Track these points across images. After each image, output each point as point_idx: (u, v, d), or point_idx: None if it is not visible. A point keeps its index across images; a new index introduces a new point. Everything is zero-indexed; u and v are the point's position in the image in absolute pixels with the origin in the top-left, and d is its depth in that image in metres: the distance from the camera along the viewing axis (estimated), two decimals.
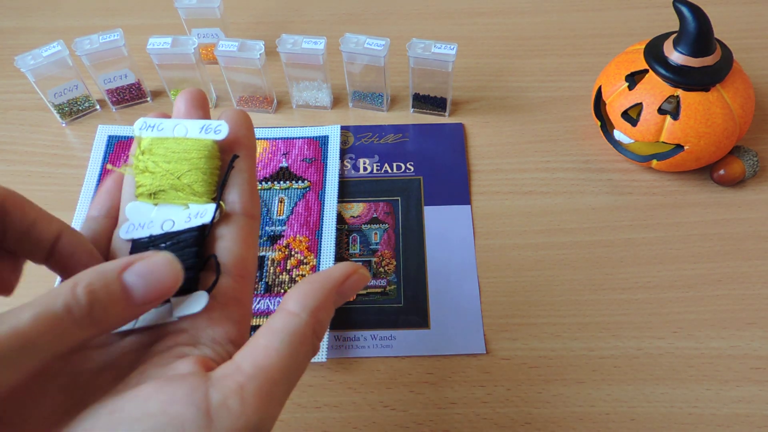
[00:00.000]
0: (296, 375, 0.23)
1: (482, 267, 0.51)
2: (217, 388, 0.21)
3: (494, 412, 0.44)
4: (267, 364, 0.22)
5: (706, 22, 0.48)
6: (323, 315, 0.24)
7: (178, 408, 0.20)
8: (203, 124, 0.27)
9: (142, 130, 0.27)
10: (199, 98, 0.29)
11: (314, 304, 0.24)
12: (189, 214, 0.26)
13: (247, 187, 0.28)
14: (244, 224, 0.27)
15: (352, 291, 0.26)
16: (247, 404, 0.21)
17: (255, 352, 0.22)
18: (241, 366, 0.22)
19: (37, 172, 0.58)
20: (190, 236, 0.26)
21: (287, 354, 0.22)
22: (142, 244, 0.26)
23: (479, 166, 0.57)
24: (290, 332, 0.23)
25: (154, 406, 0.20)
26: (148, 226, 0.27)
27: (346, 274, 0.26)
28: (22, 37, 0.70)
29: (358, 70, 0.58)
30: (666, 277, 0.50)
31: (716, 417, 0.43)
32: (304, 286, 0.25)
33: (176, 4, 0.61)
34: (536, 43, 0.68)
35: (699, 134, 0.50)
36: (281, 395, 0.22)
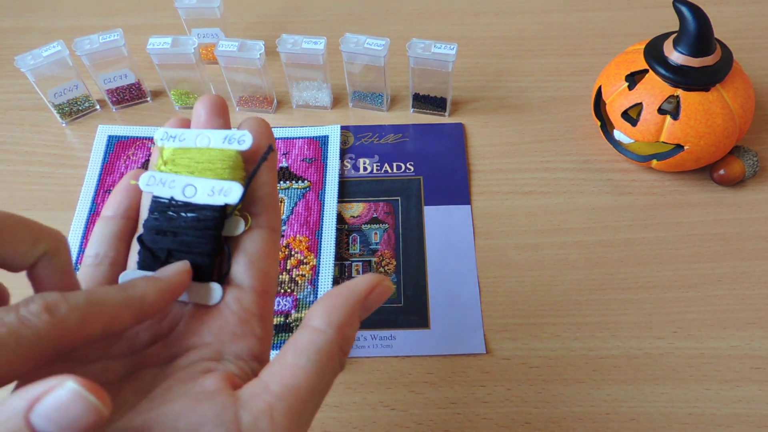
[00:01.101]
0: (323, 393, 0.23)
1: (482, 267, 0.51)
2: (246, 408, 0.21)
3: (494, 412, 0.44)
4: (294, 383, 0.22)
5: (706, 22, 0.48)
6: (349, 331, 0.24)
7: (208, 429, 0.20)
8: (226, 134, 0.26)
9: (163, 141, 0.27)
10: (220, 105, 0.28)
11: (340, 320, 0.24)
12: (213, 187, 0.25)
13: (269, 200, 0.27)
14: (267, 238, 0.26)
15: (376, 304, 0.25)
16: (277, 425, 0.21)
17: (282, 371, 0.22)
18: (269, 386, 0.22)
19: (37, 172, 0.58)
20: (211, 216, 0.25)
21: (314, 372, 0.22)
22: (162, 205, 0.26)
23: (479, 166, 0.57)
24: (317, 350, 0.23)
25: (184, 426, 0.20)
26: (169, 185, 0.26)
27: (370, 286, 0.25)
28: (22, 37, 0.70)
29: (358, 70, 0.58)
30: (666, 277, 0.50)
31: (716, 417, 0.43)
32: (329, 301, 0.24)
33: (176, 4, 0.61)
34: (536, 43, 0.68)
35: (699, 134, 0.50)
36: (309, 414, 0.22)
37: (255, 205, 0.27)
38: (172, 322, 0.25)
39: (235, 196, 0.25)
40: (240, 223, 0.26)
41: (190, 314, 0.25)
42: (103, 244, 0.27)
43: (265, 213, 0.27)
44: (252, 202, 0.27)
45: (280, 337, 0.47)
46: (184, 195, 0.25)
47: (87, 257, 0.27)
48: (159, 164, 0.26)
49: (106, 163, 0.57)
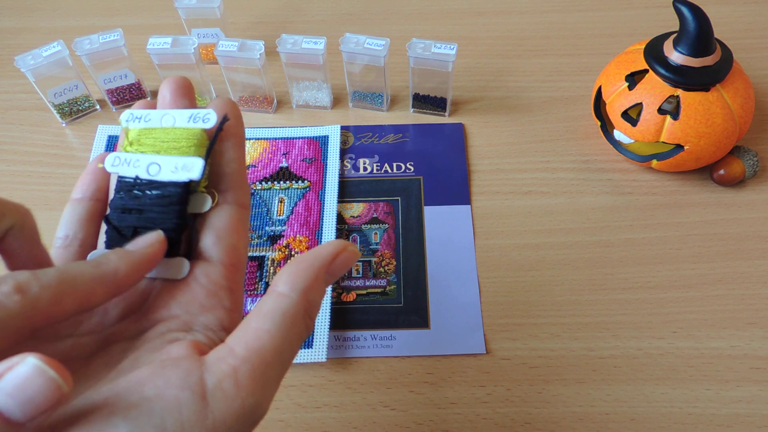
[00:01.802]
0: (290, 356, 0.23)
1: (482, 267, 0.51)
2: (212, 371, 0.21)
3: (494, 412, 0.44)
4: (259, 346, 0.22)
5: (706, 22, 0.48)
6: (314, 295, 0.24)
7: (173, 392, 0.20)
8: (191, 113, 0.27)
9: (129, 122, 0.27)
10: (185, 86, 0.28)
11: (304, 284, 0.24)
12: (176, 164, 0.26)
13: (237, 176, 0.27)
14: (234, 213, 0.27)
15: (342, 269, 0.26)
16: (242, 387, 0.21)
17: (247, 335, 0.22)
18: (234, 349, 0.22)
19: (37, 172, 0.58)
20: (175, 192, 0.26)
21: (279, 335, 0.22)
22: (127, 184, 0.26)
23: (479, 166, 0.57)
24: (281, 313, 0.23)
25: (150, 391, 0.20)
26: (134, 164, 0.26)
27: (335, 252, 0.25)
28: (22, 37, 0.70)
29: (358, 70, 0.58)
30: (666, 277, 0.50)
31: (716, 417, 0.43)
32: (293, 267, 0.24)
33: (176, 4, 0.61)
34: (536, 43, 0.68)
35: (699, 134, 0.50)
36: (275, 377, 0.22)
37: (223, 182, 0.27)
38: (142, 298, 0.26)
39: (197, 171, 0.25)
40: (206, 200, 0.26)
41: (159, 289, 0.26)
42: (72, 225, 0.27)
43: (232, 189, 0.27)
44: (220, 179, 0.27)
45: None
46: (149, 173, 0.26)
47: (57, 239, 0.27)
48: (125, 145, 0.27)
49: None
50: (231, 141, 0.28)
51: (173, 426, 0.20)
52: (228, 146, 0.28)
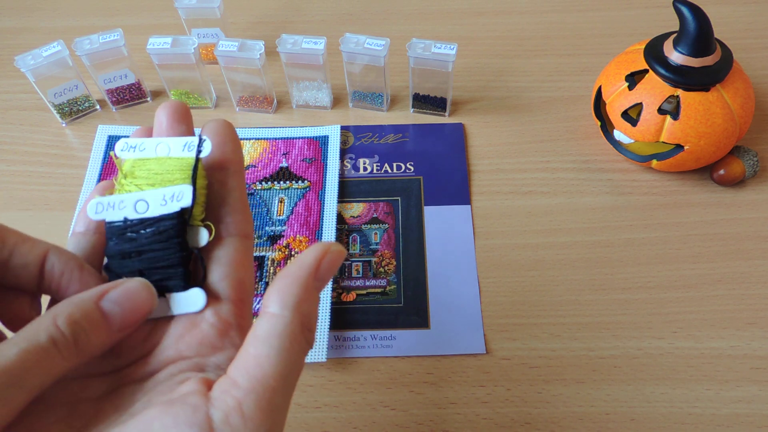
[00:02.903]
0: (294, 376, 0.23)
1: (482, 267, 0.51)
2: (217, 406, 0.21)
3: (494, 412, 0.44)
4: (261, 374, 0.21)
5: (706, 22, 0.48)
6: (307, 307, 0.23)
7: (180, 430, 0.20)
8: (185, 141, 0.26)
9: (123, 152, 0.26)
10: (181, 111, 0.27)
11: (294, 299, 0.23)
12: (164, 195, 0.25)
13: (239, 206, 0.26)
14: (238, 245, 0.26)
15: (330, 272, 0.24)
16: (249, 419, 0.21)
17: (247, 364, 0.22)
18: (237, 381, 0.21)
19: (37, 172, 0.58)
20: (171, 225, 0.25)
21: (279, 359, 0.22)
22: (117, 228, 0.25)
23: (479, 166, 0.57)
24: (277, 335, 0.22)
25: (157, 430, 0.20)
26: (119, 207, 0.25)
27: (317, 257, 0.24)
28: (22, 37, 0.70)
29: (358, 70, 0.58)
30: (666, 277, 0.50)
31: (716, 417, 0.43)
32: (280, 283, 0.23)
33: (176, 4, 0.61)
34: (536, 43, 0.68)
35: (699, 134, 0.50)
36: (282, 401, 0.22)
37: (224, 213, 0.26)
38: (155, 342, 0.25)
39: (188, 198, 0.24)
40: (203, 234, 0.25)
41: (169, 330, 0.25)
42: None
43: (235, 220, 0.26)
44: (220, 210, 0.26)
45: None
46: (137, 212, 0.25)
47: None
48: (120, 177, 0.26)
49: (106, 164, 0.57)
50: (230, 168, 0.27)
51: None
52: (227, 174, 0.26)
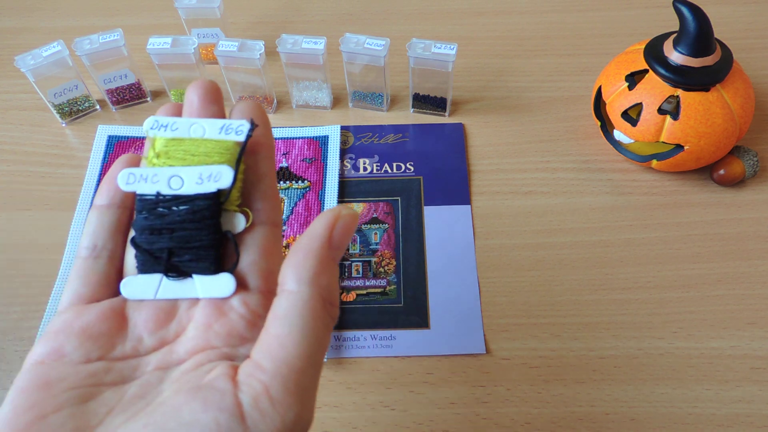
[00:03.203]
0: (320, 354, 0.22)
1: (482, 267, 0.51)
2: (245, 391, 0.20)
3: (494, 412, 0.44)
4: (285, 355, 0.21)
5: (706, 22, 0.48)
6: (326, 279, 0.22)
7: (212, 415, 0.20)
8: (222, 123, 0.25)
9: (153, 130, 0.25)
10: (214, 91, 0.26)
11: (311, 272, 0.22)
12: (200, 174, 0.24)
13: (270, 193, 0.25)
14: (268, 234, 0.25)
15: (345, 238, 0.23)
16: (278, 402, 0.20)
17: (271, 346, 0.21)
18: (261, 364, 0.21)
19: (37, 172, 0.58)
20: (206, 205, 0.24)
21: (302, 337, 0.21)
22: (150, 202, 0.24)
23: (479, 166, 0.57)
24: (298, 313, 0.21)
25: (187, 416, 0.20)
26: (152, 180, 0.24)
27: (329, 225, 0.23)
28: (22, 37, 0.70)
29: (358, 70, 0.58)
30: (666, 277, 0.50)
31: (716, 417, 0.43)
32: (294, 258, 0.22)
33: (176, 4, 0.61)
34: (536, 43, 0.68)
35: (699, 134, 0.50)
36: (311, 381, 0.21)
37: (255, 200, 0.25)
38: (179, 328, 0.24)
39: (227, 179, 0.24)
40: (240, 219, 0.25)
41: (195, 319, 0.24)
42: (99, 235, 0.25)
43: (265, 207, 0.25)
44: (251, 196, 0.25)
45: None
46: (171, 188, 0.24)
47: (82, 249, 0.25)
48: (151, 156, 0.25)
49: (106, 163, 0.57)
50: (261, 153, 0.26)
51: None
52: (259, 159, 0.25)
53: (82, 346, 0.23)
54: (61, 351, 0.23)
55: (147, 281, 0.25)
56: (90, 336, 0.23)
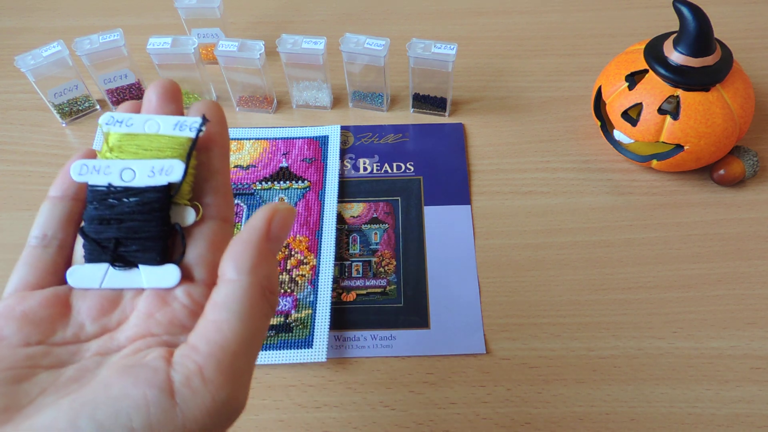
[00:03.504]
0: (257, 340, 0.22)
1: (482, 267, 0.51)
2: (178, 370, 0.21)
3: (494, 412, 0.44)
4: (221, 338, 0.21)
5: (706, 22, 0.48)
6: (265, 270, 0.23)
7: (140, 391, 0.20)
8: (176, 120, 0.25)
9: (109, 125, 0.25)
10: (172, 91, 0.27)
11: (249, 263, 0.23)
12: (152, 167, 0.24)
13: (222, 189, 0.26)
14: (218, 228, 0.26)
15: (282, 231, 0.24)
16: (210, 382, 0.21)
17: (207, 330, 0.22)
18: (197, 346, 0.21)
19: (37, 172, 0.58)
20: (155, 197, 0.24)
21: (239, 323, 0.22)
22: (100, 193, 0.25)
23: (479, 166, 0.57)
24: (236, 300, 0.22)
25: (116, 390, 0.20)
26: (104, 171, 0.25)
27: (267, 218, 0.24)
28: (22, 37, 0.70)
29: (358, 70, 0.58)
30: (666, 277, 0.50)
31: (716, 417, 0.43)
32: (233, 249, 0.23)
33: (176, 4, 0.61)
34: (536, 43, 0.68)
35: (699, 134, 0.50)
36: (245, 366, 0.22)
37: (206, 195, 0.26)
38: (122, 317, 0.25)
39: (178, 174, 0.24)
40: (190, 213, 0.25)
41: (138, 308, 0.25)
42: (50, 225, 0.26)
43: (216, 203, 0.26)
44: (203, 192, 0.26)
45: (280, 337, 0.47)
46: (123, 180, 0.24)
47: (32, 238, 0.26)
48: (104, 150, 0.25)
49: None
50: (215, 150, 0.26)
51: (141, 425, 0.19)
52: (212, 156, 0.26)
53: (21, 331, 0.23)
54: (1, 334, 0.23)
55: (93, 270, 0.25)
56: (31, 321, 0.24)
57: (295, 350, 0.46)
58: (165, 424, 0.20)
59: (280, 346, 0.46)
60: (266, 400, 0.44)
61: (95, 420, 0.19)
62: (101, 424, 0.19)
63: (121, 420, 0.19)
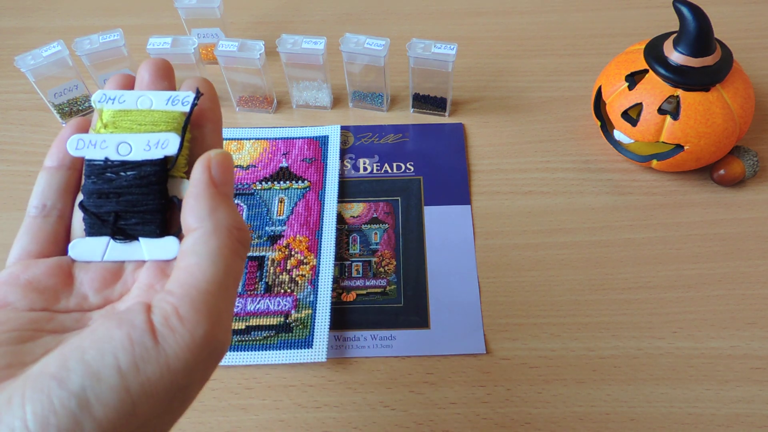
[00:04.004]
0: (232, 279, 0.23)
1: (482, 267, 0.51)
2: (156, 312, 0.22)
3: (494, 412, 0.44)
4: (193, 280, 0.22)
5: (706, 22, 0.48)
6: (223, 212, 0.24)
7: (124, 331, 0.21)
8: (169, 95, 0.26)
9: (101, 103, 0.26)
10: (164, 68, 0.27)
11: (205, 209, 0.24)
12: (148, 141, 0.25)
13: None
14: None
15: (226, 175, 0.25)
16: (187, 320, 0.21)
17: (179, 275, 0.23)
18: (171, 290, 0.22)
19: (37, 172, 0.58)
20: (152, 171, 0.25)
21: (210, 264, 0.23)
22: (98, 168, 0.25)
23: (479, 166, 0.57)
24: (202, 242, 0.23)
25: (101, 333, 0.21)
26: (101, 146, 0.25)
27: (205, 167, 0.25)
28: (22, 37, 0.70)
29: (358, 70, 0.58)
30: (666, 277, 0.50)
31: (716, 417, 0.43)
32: (188, 204, 0.24)
33: (176, 4, 0.61)
34: (536, 43, 0.68)
35: (699, 134, 0.50)
36: (222, 304, 0.23)
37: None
38: (124, 289, 0.26)
39: (174, 147, 0.25)
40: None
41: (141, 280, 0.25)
42: (49, 195, 0.27)
43: None
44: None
45: (280, 337, 0.47)
46: (119, 154, 0.25)
47: (32, 208, 0.26)
48: (98, 127, 0.26)
49: None
50: (208, 126, 0.27)
51: (127, 364, 0.20)
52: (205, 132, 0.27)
53: (26, 297, 0.24)
54: (5, 300, 0.24)
55: (94, 244, 0.26)
56: (35, 288, 0.24)
57: (295, 350, 0.46)
58: (149, 362, 0.20)
59: (280, 346, 0.46)
60: (266, 400, 0.45)
61: (83, 361, 0.20)
62: (89, 364, 0.20)
63: (108, 359, 0.20)
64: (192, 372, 0.21)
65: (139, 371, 0.20)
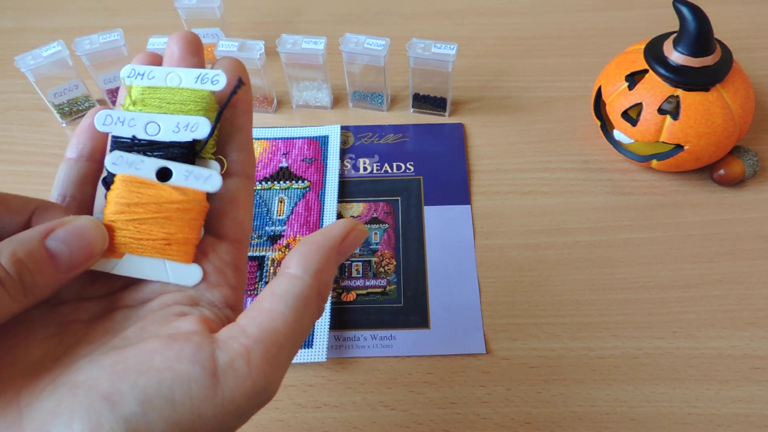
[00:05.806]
0: (301, 338, 0.23)
1: (482, 267, 0.51)
2: (224, 349, 0.21)
3: (494, 412, 0.44)
4: (273, 327, 0.22)
5: (706, 22, 0.48)
6: (326, 276, 0.24)
7: (184, 366, 0.20)
8: (199, 73, 0.25)
9: (130, 78, 0.25)
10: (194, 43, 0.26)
11: (317, 266, 0.23)
12: (178, 122, 0.24)
13: (245, 146, 0.26)
14: (241, 186, 0.26)
15: (351, 248, 0.25)
16: (254, 367, 0.21)
17: (261, 316, 0.22)
18: (247, 329, 0.22)
19: (37, 172, 0.58)
20: (179, 153, 0.24)
21: (293, 318, 0.22)
22: (124, 144, 0.24)
23: (479, 166, 0.57)
24: (294, 296, 0.23)
25: (159, 362, 0.20)
26: (129, 123, 0.24)
27: (344, 232, 0.25)
28: (22, 37, 0.70)
29: (358, 70, 0.58)
30: (666, 277, 0.50)
31: (716, 417, 0.43)
32: (304, 248, 0.24)
33: (176, 4, 0.61)
34: (536, 43, 0.68)
35: (699, 134, 0.50)
36: (287, 359, 0.22)
37: (230, 151, 0.26)
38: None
39: (204, 131, 0.24)
40: (215, 167, 0.25)
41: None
42: (68, 186, 0.26)
43: (240, 159, 0.26)
44: (226, 148, 0.26)
45: None
46: (147, 133, 0.24)
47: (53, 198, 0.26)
48: (127, 104, 0.25)
49: None
50: (239, 108, 0.26)
51: (182, 399, 0.20)
52: (237, 113, 0.26)
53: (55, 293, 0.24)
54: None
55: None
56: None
57: None
58: (204, 401, 0.20)
59: None
60: None
61: (138, 386, 0.20)
62: (143, 391, 0.19)
63: (164, 391, 0.20)
64: (242, 417, 0.21)
65: (192, 407, 0.20)
